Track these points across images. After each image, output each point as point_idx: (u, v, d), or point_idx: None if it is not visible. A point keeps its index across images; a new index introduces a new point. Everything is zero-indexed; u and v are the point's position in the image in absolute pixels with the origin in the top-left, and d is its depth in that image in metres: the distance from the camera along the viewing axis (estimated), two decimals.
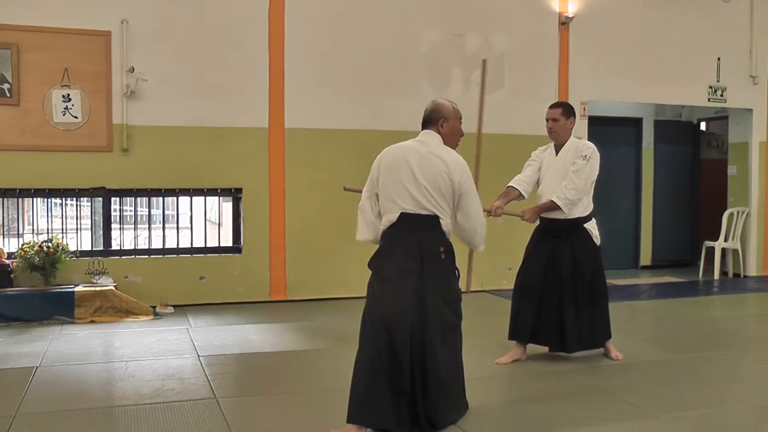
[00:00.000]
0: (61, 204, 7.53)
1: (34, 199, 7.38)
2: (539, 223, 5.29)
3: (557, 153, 5.21)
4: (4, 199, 7.20)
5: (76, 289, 6.69)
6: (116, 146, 7.19)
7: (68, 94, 7.04)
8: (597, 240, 5.20)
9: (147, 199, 7.62)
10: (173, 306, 7.18)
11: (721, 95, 9.63)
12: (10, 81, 6.89)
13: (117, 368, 5.08)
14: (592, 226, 5.18)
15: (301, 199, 7.73)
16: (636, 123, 10.63)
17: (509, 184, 5.25)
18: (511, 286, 5.38)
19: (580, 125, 8.80)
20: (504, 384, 4.83)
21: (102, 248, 7.44)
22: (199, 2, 7.45)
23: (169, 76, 7.31)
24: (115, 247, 7.54)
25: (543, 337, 5.18)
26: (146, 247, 7.64)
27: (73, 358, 5.29)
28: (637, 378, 4.89)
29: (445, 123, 3.98)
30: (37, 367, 5.03)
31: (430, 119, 4.00)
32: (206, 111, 7.43)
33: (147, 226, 7.70)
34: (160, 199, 7.68)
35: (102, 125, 7.14)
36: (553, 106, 5.25)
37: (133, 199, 7.60)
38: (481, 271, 8.50)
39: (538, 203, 5.22)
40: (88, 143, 7.11)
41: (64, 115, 7.04)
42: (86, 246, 7.45)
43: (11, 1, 6.93)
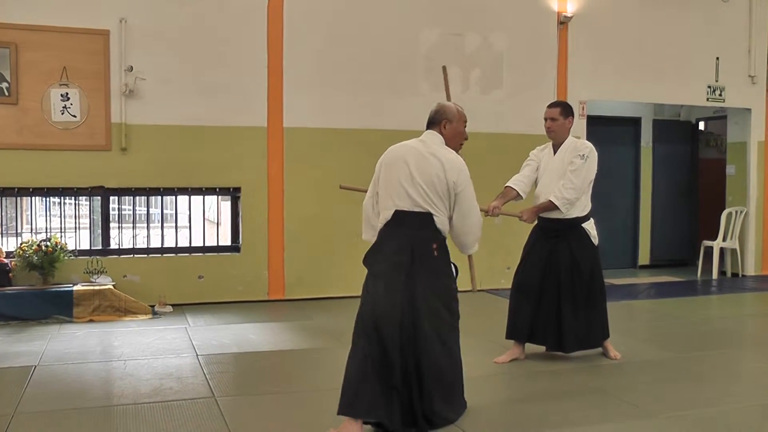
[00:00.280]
0: (60, 203, 7.53)
1: (33, 198, 7.38)
2: (537, 222, 5.29)
3: (555, 152, 5.21)
4: (3, 198, 7.20)
5: (75, 288, 6.69)
6: (115, 145, 7.19)
7: (67, 93, 7.04)
8: (595, 240, 5.20)
9: (145, 198, 7.62)
10: (172, 305, 7.18)
11: (720, 95, 9.64)
12: (9, 80, 6.89)
13: (115, 367, 5.08)
14: (590, 226, 5.18)
15: (299, 199, 7.73)
16: (634, 122, 10.64)
17: (507, 184, 5.26)
18: (510, 286, 5.38)
19: (578, 125, 8.79)
20: (502, 383, 4.83)
21: (100, 247, 7.44)
22: (197, 1, 7.45)
23: (167, 75, 7.31)
24: (113, 246, 7.54)
25: (541, 336, 5.18)
26: (145, 247, 7.63)
27: (71, 358, 5.29)
28: (635, 377, 4.89)
29: (448, 124, 4.01)
30: (35, 366, 5.03)
31: (434, 120, 4.04)
32: (205, 110, 7.43)
33: (145, 225, 7.70)
34: (159, 198, 7.68)
35: (100, 124, 7.14)
36: (551, 106, 5.25)
37: (131, 198, 7.59)
38: (479, 270, 8.48)
39: (536, 203, 5.22)
40: (87, 142, 7.11)
41: (62, 114, 7.03)
42: (85, 245, 7.45)
43: None
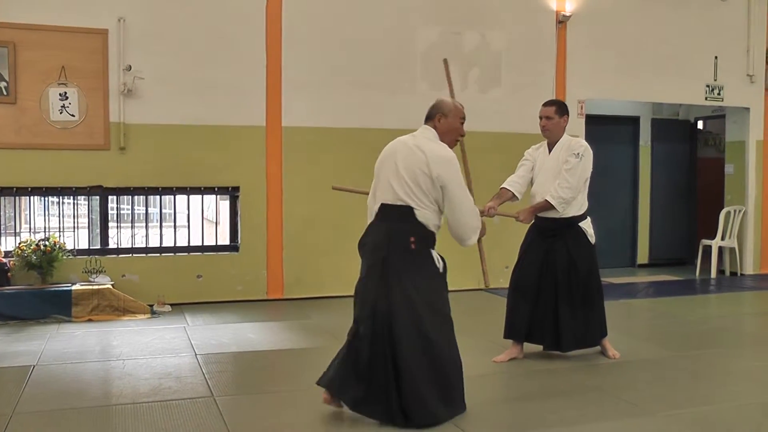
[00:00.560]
0: (59, 202, 7.52)
1: (31, 197, 7.37)
2: (534, 221, 5.29)
3: (550, 151, 5.20)
4: (1, 198, 7.19)
5: (74, 287, 6.69)
6: (113, 145, 7.18)
7: (65, 93, 7.03)
8: (592, 239, 5.19)
9: (144, 197, 7.61)
10: (170, 304, 7.17)
11: (719, 94, 9.64)
12: (7, 79, 6.88)
13: (114, 367, 5.08)
14: (586, 225, 5.18)
15: (298, 198, 7.73)
16: (633, 121, 10.64)
17: (502, 185, 5.26)
18: (508, 285, 5.38)
19: (577, 124, 8.82)
20: (501, 382, 4.84)
21: (99, 247, 7.44)
22: (196, 1, 7.44)
23: (166, 75, 7.30)
24: (112, 245, 7.54)
25: (538, 336, 5.18)
26: (143, 246, 7.63)
27: (70, 357, 5.29)
28: (633, 376, 4.90)
29: (443, 119, 4.03)
30: (34, 366, 5.03)
31: (429, 114, 4.09)
32: (203, 109, 7.42)
33: (144, 224, 7.70)
34: (158, 197, 7.68)
35: (99, 123, 7.14)
36: (546, 104, 5.22)
37: (130, 197, 7.58)
38: (478, 269, 8.49)
39: (532, 202, 5.22)
40: (85, 142, 7.10)
41: (61, 113, 7.03)
42: (83, 245, 7.45)
43: None
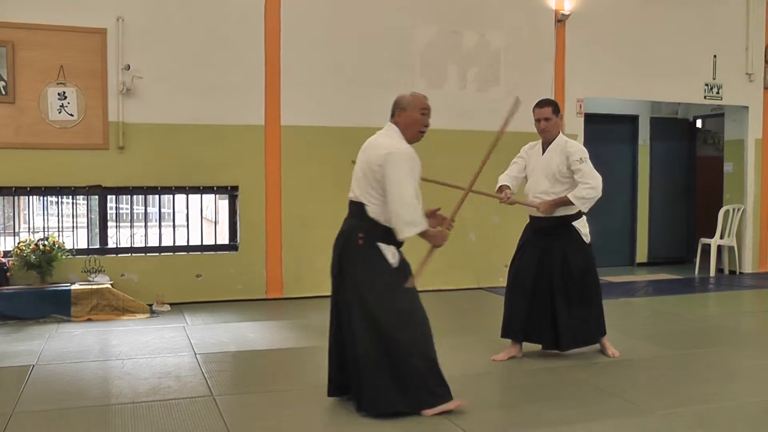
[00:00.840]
0: (58, 202, 7.52)
1: (30, 197, 7.36)
2: (528, 221, 5.30)
3: (544, 150, 5.20)
4: (0, 198, 7.19)
5: (73, 287, 6.68)
6: (112, 144, 7.18)
7: (64, 92, 7.03)
8: (586, 238, 5.19)
9: (143, 196, 7.60)
10: (170, 304, 7.17)
11: (717, 92, 9.65)
12: (6, 79, 6.88)
13: (114, 366, 5.08)
14: (581, 224, 5.18)
15: (297, 197, 7.72)
16: (632, 120, 10.64)
17: (502, 182, 5.29)
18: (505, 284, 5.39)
19: (576, 122, 8.83)
20: (500, 381, 4.84)
21: (98, 246, 7.44)
22: (194, 0, 7.44)
23: (164, 74, 7.30)
24: (111, 245, 7.54)
25: (536, 335, 5.18)
26: (142, 245, 7.63)
27: (69, 357, 5.29)
28: (633, 374, 4.90)
29: (402, 113, 4.09)
30: (33, 366, 5.03)
31: (391, 112, 4.18)
32: (202, 108, 7.42)
33: (143, 224, 7.69)
34: (157, 196, 7.68)
35: (98, 123, 7.13)
36: (541, 106, 5.16)
37: (129, 197, 7.58)
38: (476, 268, 8.53)
39: (526, 201, 5.22)
40: (84, 141, 7.10)
41: (59, 113, 7.02)
42: (82, 244, 7.45)
43: None
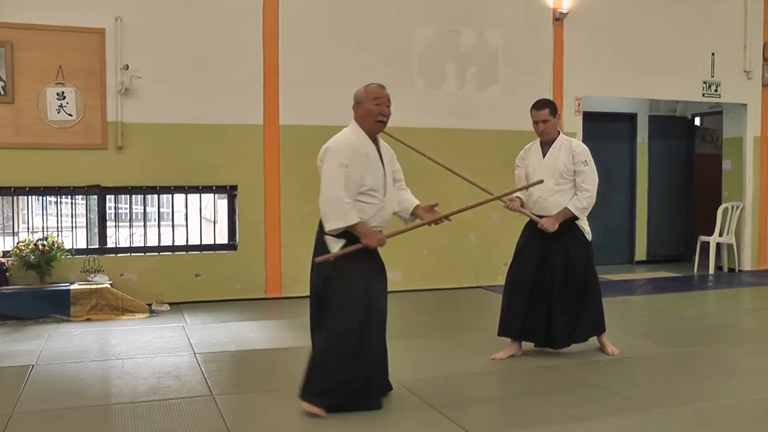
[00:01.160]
0: (57, 202, 7.52)
1: (29, 197, 7.37)
2: (529, 220, 5.30)
3: (545, 151, 5.18)
4: (0, 198, 7.20)
5: (72, 287, 6.69)
6: (111, 144, 7.18)
7: (63, 92, 7.03)
8: (588, 236, 5.20)
9: (142, 196, 7.61)
10: (169, 304, 7.18)
11: (716, 90, 9.65)
12: (4, 79, 6.87)
13: (113, 366, 5.08)
14: (583, 223, 5.18)
15: (296, 196, 7.72)
16: (630, 118, 10.65)
17: (517, 195, 5.20)
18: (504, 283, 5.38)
19: (574, 121, 8.83)
20: (499, 379, 4.85)
21: (97, 246, 7.44)
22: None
23: (163, 74, 7.30)
24: (110, 244, 7.54)
25: (530, 333, 5.18)
26: (141, 245, 7.63)
27: (69, 357, 5.30)
28: (632, 372, 4.91)
29: (357, 107, 4.14)
30: (33, 366, 5.03)
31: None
32: (201, 108, 7.42)
33: (142, 223, 7.69)
34: (155, 196, 7.68)
35: (97, 123, 7.13)
36: (539, 108, 5.12)
37: (128, 196, 7.58)
38: (476, 266, 8.54)
39: (529, 202, 5.21)
40: (83, 141, 7.10)
41: (58, 113, 7.02)
42: (81, 244, 7.45)
43: None
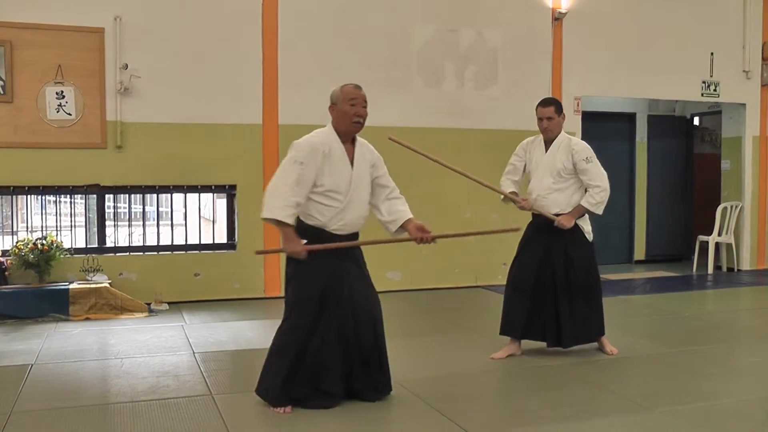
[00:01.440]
0: (56, 201, 7.51)
1: (28, 196, 7.37)
2: (531, 219, 5.30)
3: (547, 147, 5.20)
4: None
5: (71, 286, 6.68)
6: (110, 143, 7.17)
7: (62, 91, 7.02)
8: (589, 236, 5.21)
9: (141, 196, 7.60)
10: (168, 303, 7.17)
11: (715, 90, 9.65)
12: (4, 78, 6.87)
13: (112, 365, 5.08)
14: (584, 222, 5.19)
15: None
16: (629, 118, 10.65)
17: (509, 189, 5.27)
18: (506, 282, 5.38)
19: (573, 120, 8.82)
20: (499, 379, 4.85)
21: (96, 245, 7.44)
22: None
23: (162, 73, 7.30)
24: (109, 244, 7.54)
25: (538, 332, 5.18)
26: (141, 245, 7.63)
27: (68, 356, 5.29)
28: (632, 372, 4.92)
29: (333, 108, 4.20)
30: (32, 365, 5.03)
31: None
32: (200, 107, 7.42)
33: (141, 223, 7.69)
34: (155, 196, 7.67)
35: (96, 122, 7.13)
36: (544, 105, 5.15)
37: (127, 196, 7.58)
38: (476, 266, 8.54)
39: (529, 198, 5.23)
40: (82, 140, 7.09)
41: (57, 112, 7.02)
42: (80, 243, 7.44)
43: None
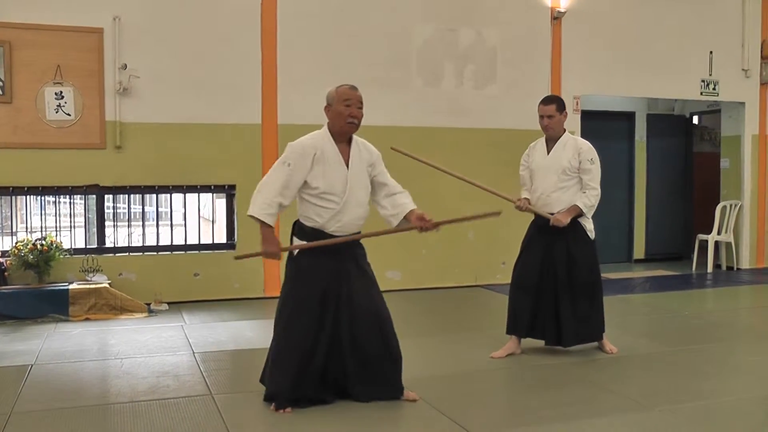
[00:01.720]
0: (55, 202, 7.51)
1: (28, 196, 7.37)
2: (534, 218, 5.31)
3: (550, 147, 5.21)
4: None
5: (71, 286, 6.68)
6: (109, 143, 7.17)
7: (61, 92, 7.02)
8: (591, 234, 5.21)
9: (140, 196, 7.60)
10: (168, 303, 7.17)
11: (714, 89, 9.66)
12: (3, 78, 6.86)
13: (112, 366, 5.08)
14: (585, 220, 5.19)
15: None
16: (629, 117, 10.65)
17: (524, 196, 5.32)
18: (505, 281, 5.39)
19: (573, 119, 8.82)
20: (499, 378, 4.85)
21: (96, 246, 7.43)
22: None
23: (161, 73, 7.29)
24: (108, 244, 7.53)
25: (540, 331, 5.20)
26: (140, 245, 7.63)
27: (68, 356, 5.29)
28: (631, 371, 4.92)
29: (329, 109, 4.22)
30: (32, 365, 5.03)
31: None
32: (199, 107, 7.42)
33: (141, 223, 7.69)
34: (154, 196, 7.67)
35: (95, 122, 7.13)
36: (546, 103, 5.19)
37: (126, 196, 7.58)
38: (475, 265, 8.54)
39: (533, 197, 5.24)
40: (81, 140, 7.09)
41: (56, 112, 7.01)
42: (80, 244, 7.44)
43: None
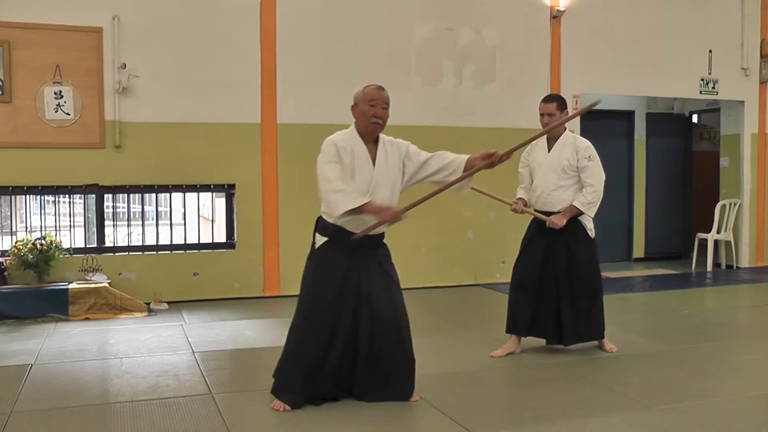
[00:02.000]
0: (54, 201, 7.50)
1: (27, 196, 7.36)
2: (534, 217, 5.31)
3: (550, 146, 5.21)
4: None
5: (70, 286, 6.68)
6: (109, 143, 7.17)
7: (60, 91, 7.02)
8: (591, 233, 5.21)
9: (140, 195, 7.60)
10: (167, 302, 7.17)
11: (713, 87, 9.66)
12: (2, 78, 6.86)
13: (112, 365, 5.08)
14: (586, 219, 5.19)
15: (294, 195, 7.71)
16: (628, 116, 10.65)
17: (519, 196, 5.32)
18: (505, 280, 5.40)
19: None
20: (499, 377, 4.85)
21: (95, 245, 7.43)
22: None
23: (161, 73, 7.29)
24: (108, 244, 7.53)
25: (540, 330, 5.20)
26: (140, 244, 7.63)
27: (67, 356, 5.29)
28: (630, 370, 4.92)
29: (354, 108, 4.19)
30: (32, 365, 5.03)
31: None
32: (198, 107, 7.42)
33: (140, 222, 7.69)
34: (153, 195, 7.67)
35: (94, 122, 7.13)
36: (547, 101, 5.20)
37: (126, 195, 7.58)
38: (475, 264, 8.54)
39: (533, 196, 5.24)
40: (81, 140, 7.09)
41: (56, 111, 7.01)
42: (80, 243, 7.44)
43: None
